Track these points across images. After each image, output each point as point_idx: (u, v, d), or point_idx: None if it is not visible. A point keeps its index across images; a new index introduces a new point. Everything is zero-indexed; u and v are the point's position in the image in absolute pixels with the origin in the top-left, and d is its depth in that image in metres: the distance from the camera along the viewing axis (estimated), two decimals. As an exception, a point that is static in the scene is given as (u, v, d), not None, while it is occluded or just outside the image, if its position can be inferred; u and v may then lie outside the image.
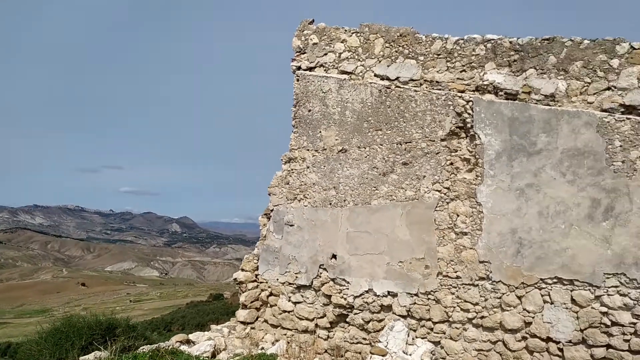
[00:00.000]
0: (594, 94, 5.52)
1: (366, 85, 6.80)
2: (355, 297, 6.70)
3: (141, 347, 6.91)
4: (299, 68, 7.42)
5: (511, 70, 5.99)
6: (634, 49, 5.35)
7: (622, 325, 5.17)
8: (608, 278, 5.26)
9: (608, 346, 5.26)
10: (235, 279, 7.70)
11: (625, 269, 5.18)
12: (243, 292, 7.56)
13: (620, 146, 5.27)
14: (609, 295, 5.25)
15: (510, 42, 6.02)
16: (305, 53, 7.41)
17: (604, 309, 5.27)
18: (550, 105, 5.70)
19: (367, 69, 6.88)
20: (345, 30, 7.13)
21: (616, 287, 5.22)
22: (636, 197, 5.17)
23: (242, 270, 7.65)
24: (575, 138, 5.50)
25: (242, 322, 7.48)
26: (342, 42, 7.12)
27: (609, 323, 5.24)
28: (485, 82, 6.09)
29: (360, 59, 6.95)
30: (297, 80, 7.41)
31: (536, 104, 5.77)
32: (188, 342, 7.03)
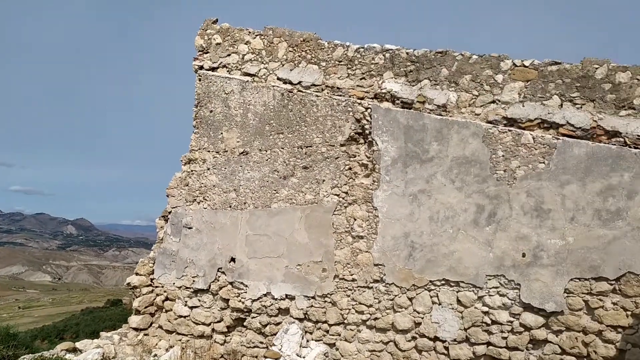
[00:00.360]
0: (481, 106, 5.86)
1: (269, 88, 6.80)
2: (254, 300, 6.66)
3: (22, 357, 6.46)
4: (201, 67, 7.29)
5: (407, 80, 6.23)
6: (516, 66, 5.75)
7: (501, 324, 5.53)
8: (489, 279, 5.61)
9: (488, 344, 5.60)
10: (128, 284, 7.40)
11: (505, 270, 5.54)
12: (137, 297, 7.27)
13: (503, 156, 5.64)
14: (490, 295, 5.60)
15: (407, 53, 6.26)
16: (208, 53, 7.29)
17: (486, 309, 5.60)
18: (442, 115, 5.99)
19: (270, 72, 6.88)
20: (250, 32, 7.10)
21: (496, 288, 5.58)
22: (515, 203, 5.55)
23: (137, 274, 7.37)
24: (463, 147, 5.81)
25: (134, 329, 7.19)
26: (245, 43, 7.08)
27: (489, 322, 5.58)
28: (384, 91, 6.29)
29: (264, 62, 6.94)
30: (199, 80, 7.27)
31: (430, 113, 6.03)
32: (75, 350, 6.67)
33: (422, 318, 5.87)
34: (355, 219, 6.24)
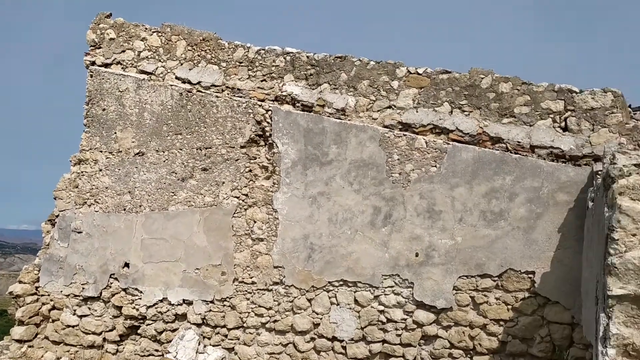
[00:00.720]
0: (378, 111, 6.04)
1: (167, 87, 6.59)
2: (149, 307, 6.43)
3: None
4: (93, 63, 6.94)
5: (308, 83, 6.29)
6: (411, 73, 5.99)
7: (396, 322, 5.72)
8: (385, 279, 5.78)
9: (384, 341, 5.77)
10: (11, 293, 6.87)
11: (399, 270, 5.74)
12: (20, 307, 6.77)
13: (398, 159, 5.84)
14: (385, 294, 5.77)
15: (308, 57, 6.32)
16: (100, 48, 6.95)
17: (381, 308, 5.77)
18: (341, 119, 6.10)
19: (168, 70, 6.69)
20: (146, 29, 6.86)
21: (391, 287, 5.76)
22: (409, 205, 5.77)
23: (20, 282, 6.86)
24: (361, 150, 5.95)
25: (17, 340, 6.69)
26: (142, 40, 6.82)
27: (385, 320, 5.75)
28: (284, 93, 6.31)
29: (161, 60, 6.72)
30: (91, 76, 6.93)
31: (329, 116, 6.13)
32: (-55, 368, 6.07)
33: (321, 319, 5.94)
34: (255, 222, 6.20)
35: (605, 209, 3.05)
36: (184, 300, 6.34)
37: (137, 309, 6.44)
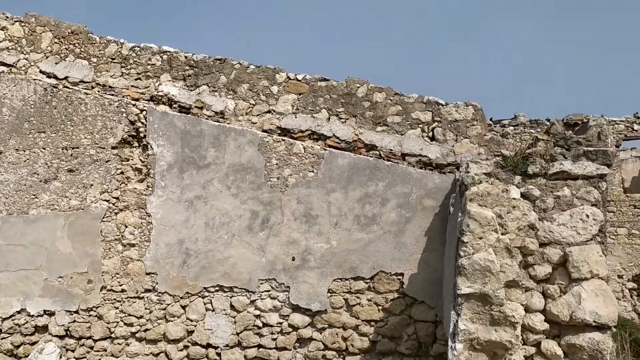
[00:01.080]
0: (257, 115, 6.03)
1: (29, 81, 6.10)
2: (4, 319, 5.91)
3: None
4: (-58, 51, 6.23)
5: (186, 84, 6.13)
6: (290, 79, 6.05)
7: (271, 326, 5.72)
8: (262, 283, 5.77)
9: (259, 346, 5.75)
10: None
11: (276, 274, 5.76)
12: None
13: (277, 164, 5.86)
14: (262, 299, 5.76)
15: (186, 57, 6.17)
16: (-48, 34, 6.27)
17: (257, 312, 5.75)
18: (220, 122, 6.01)
19: (32, 63, 6.19)
20: (7, 17, 6.31)
21: (268, 291, 5.76)
22: (287, 210, 5.81)
23: None
24: (240, 154, 5.90)
25: None
26: (2, 29, 6.26)
27: (260, 325, 5.74)
28: (161, 93, 6.10)
29: (24, 52, 6.22)
30: (-60, 65, 6.22)
31: (207, 119, 6.01)
32: None
33: (195, 326, 5.79)
34: (126, 226, 5.92)
35: (459, 214, 3.28)
36: (45, 311, 5.89)
37: (-10, 323, 5.88)
